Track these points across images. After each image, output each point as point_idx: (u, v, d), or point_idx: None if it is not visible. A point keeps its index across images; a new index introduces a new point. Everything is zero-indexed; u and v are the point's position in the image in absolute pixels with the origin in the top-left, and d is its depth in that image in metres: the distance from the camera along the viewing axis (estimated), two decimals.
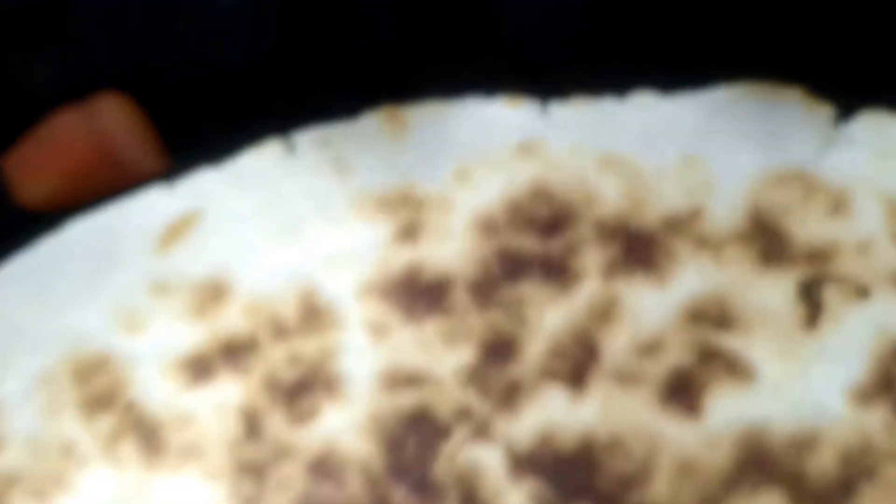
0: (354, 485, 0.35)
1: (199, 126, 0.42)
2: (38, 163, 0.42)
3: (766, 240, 0.35)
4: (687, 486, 0.34)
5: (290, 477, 0.33)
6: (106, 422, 0.33)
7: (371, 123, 0.37)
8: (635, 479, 0.34)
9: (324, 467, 0.33)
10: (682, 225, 0.35)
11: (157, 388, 0.33)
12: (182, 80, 0.43)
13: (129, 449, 0.33)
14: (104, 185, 0.41)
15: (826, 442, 0.33)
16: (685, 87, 0.37)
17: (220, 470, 0.33)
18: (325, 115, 0.39)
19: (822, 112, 0.36)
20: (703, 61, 0.39)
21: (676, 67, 0.39)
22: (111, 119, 0.42)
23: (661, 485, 0.34)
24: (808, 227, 0.35)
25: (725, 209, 0.35)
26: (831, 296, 0.34)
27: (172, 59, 0.44)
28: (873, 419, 0.33)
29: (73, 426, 0.33)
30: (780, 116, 0.36)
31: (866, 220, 0.35)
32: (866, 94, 0.38)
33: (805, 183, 0.35)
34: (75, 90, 0.44)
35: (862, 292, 0.34)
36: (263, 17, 0.45)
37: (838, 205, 0.35)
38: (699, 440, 0.34)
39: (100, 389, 0.33)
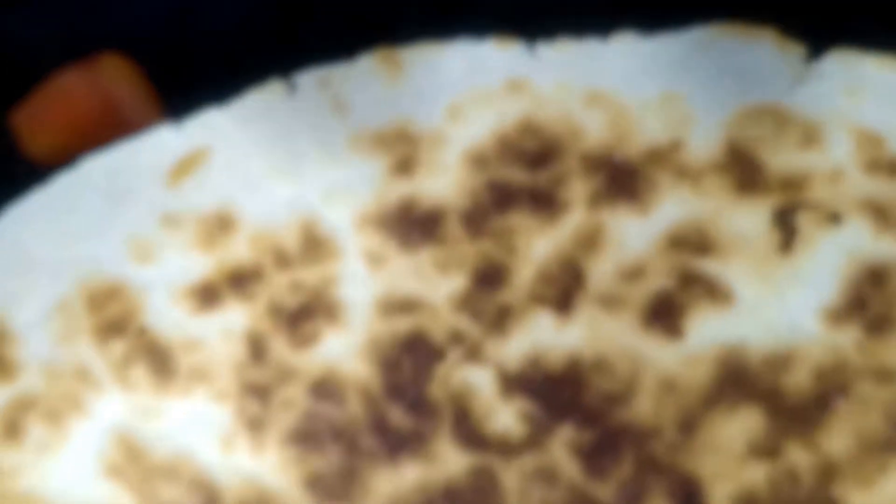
0: (354, 405, 0.36)
1: (195, 83, 0.44)
2: (45, 118, 0.43)
3: (742, 170, 0.36)
4: (669, 403, 0.35)
5: (293, 398, 0.35)
6: (119, 346, 0.34)
7: (367, 64, 0.38)
8: (620, 397, 0.35)
9: (325, 389, 0.34)
10: (663, 157, 0.36)
11: (167, 314, 0.34)
12: (179, 38, 0.44)
13: (140, 372, 0.34)
14: (107, 139, 0.42)
15: (801, 360, 0.35)
16: (665, 28, 0.38)
17: (227, 392, 0.34)
18: (322, 64, 0.41)
19: (794, 51, 0.37)
20: (682, 4, 0.40)
21: (657, 10, 0.41)
22: (113, 77, 0.43)
23: (644, 402, 0.36)
24: (781, 157, 0.36)
25: (703, 141, 0.36)
26: (804, 222, 0.36)
27: (170, 18, 0.45)
28: (845, 338, 0.35)
29: (87, 351, 0.34)
30: (754, 55, 0.36)
31: (837, 150, 0.36)
32: (835, 35, 0.40)
33: (778, 116, 0.36)
34: (76, 49, 0.45)
35: (833, 218, 0.35)
36: None
37: (810, 136, 0.36)
38: (680, 360, 0.35)
39: (113, 316, 0.34)
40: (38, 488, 0.34)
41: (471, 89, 0.36)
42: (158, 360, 0.33)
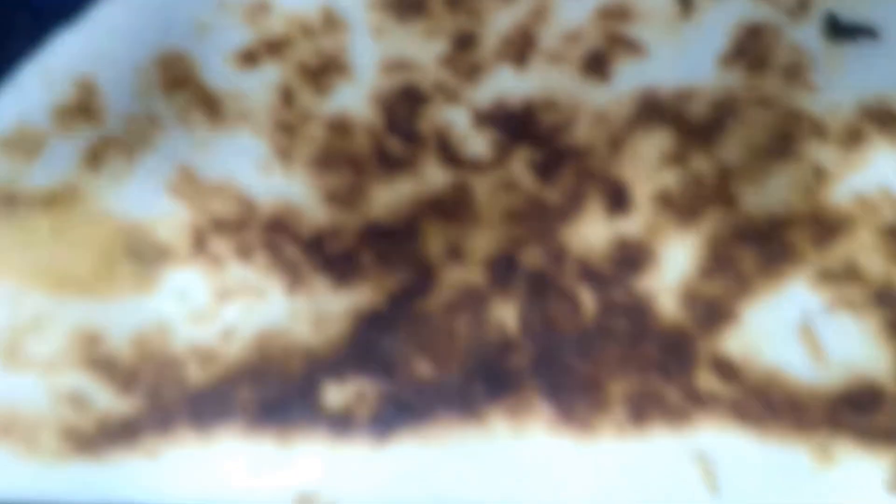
0: (360, 137, 0.39)
1: None
2: None
3: (603, 38, 0.39)
4: (600, 129, 0.40)
5: (314, 133, 0.38)
6: (181, 97, 0.39)
7: None
8: (563, 126, 0.38)
9: (339, 125, 0.39)
10: None
11: (219, 72, 0.39)
12: None
13: (197, 116, 0.39)
14: None
15: (701, 94, 0.40)
16: None
17: (263, 127, 0.38)
18: None
19: None
20: None
21: None
22: None
23: (581, 129, 0.39)
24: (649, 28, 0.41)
25: None
26: None
27: None
28: (734, 77, 0.40)
29: (157, 102, 0.39)
30: None
31: None
32: None
33: None
34: None
35: None
36: None
37: None
38: (609, 97, 0.39)
39: (178, 75, 0.39)
40: (110, 207, 0.38)
41: None
42: (211, 105, 0.39)
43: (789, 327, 0.36)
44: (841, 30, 0.39)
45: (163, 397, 0.37)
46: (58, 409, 0.37)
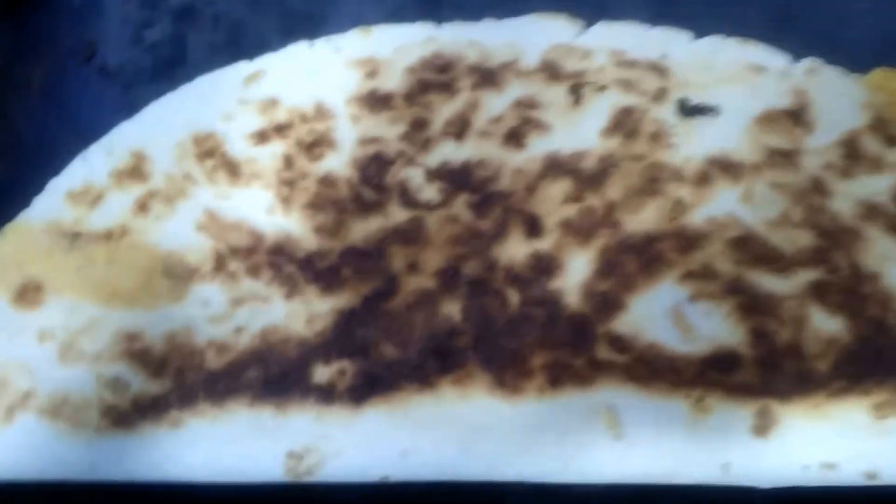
0: (343, 188, 0.47)
1: None
2: None
3: (551, 72, 0.50)
4: (519, 180, 0.46)
5: (308, 186, 0.47)
6: (210, 162, 0.48)
7: None
8: (491, 178, 0.47)
9: (326, 180, 0.47)
10: (507, 66, 0.53)
11: (239, 146, 0.49)
12: None
13: (221, 175, 0.48)
14: None
15: (591, 154, 0.46)
16: None
17: (270, 183, 0.47)
18: None
19: None
20: None
21: None
22: None
23: (504, 180, 0.47)
24: (573, 63, 0.53)
25: (531, 60, 0.54)
26: (587, 91, 0.49)
27: None
28: (615, 142, 0.47)
29: (192, 165, 0.48)
30: None
31: (598, 60, 0.52)
32: None
33: (577, 51, 0.54)
34: None
35: (601, 88, 0.52)
36: None
37: (586, 55, 0.54)
38: (524, 158, 0.47)
39: (208, 148, 0.48)
40: (153, 241, 0.47)
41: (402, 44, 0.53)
42: (232, 169, 0.48)
43: (664, 312, 0.44)
44: (690, 109, 0.50)
45: (186, 379, 0.43)
46: (101, 392, 0.43)
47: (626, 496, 0.44)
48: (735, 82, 0.48)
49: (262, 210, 0.47)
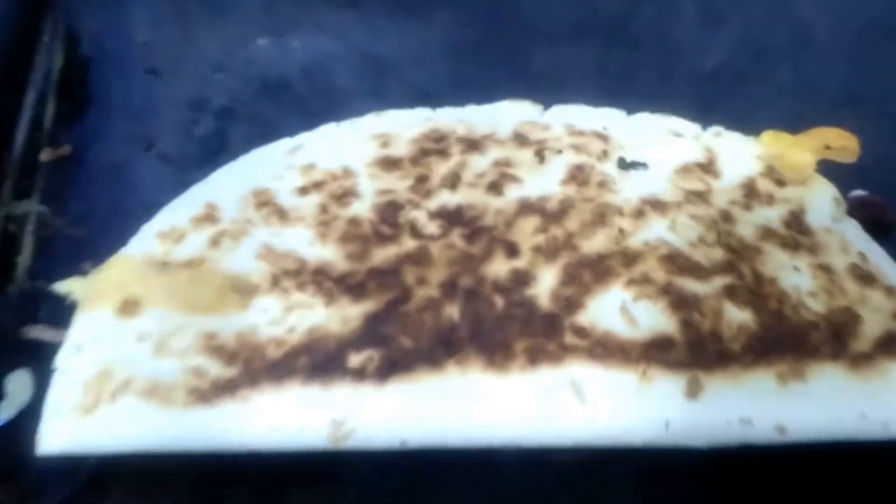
0: (366, 226, 0.56)
1: None
2: None
3: (519, 141, 0.61)
4: (500, 218, 0.54)
5: (339, 225, 0.56)
6: (265, 210, 0.58)
7: None
8: (478, 217, 0.57)
9: (353, 221, 0.57)
10: (487, 136, 0.67)
11: (287, 197, 0.59)
12: None
13: (274, 219, 0.57)
14: None
15: (553, 198, 0.57)
16: None
17: (311, 224, 0.57)
18: None
19: None
20: None
21: None
22: None
23: (490, 217, 0.57)
24: (537, 134, 0.61)
25: (504, 131, 0.67)
26: (547, 153, 0.61)
27: None
28: (571, 189, 0.57)
29: (252, 213, 0.57)
30: None
31: (557, 130, 0.63)
32: None
33: (539, 125, 0.67)
34: None
35: (560, 151, 0.61)
36: None
37: (545, 128, 0.65)
38: (503, 202, 0.57)
39: (264, 200, 0.58)
40: (224, 267, 0.56)
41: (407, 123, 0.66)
42: (282, 215, 0.58)
43: (614, 309, 0.54)
44: (627, 164, 0.59)
45: (252, 366, 0.52)
46: (186, 378, 0.51)
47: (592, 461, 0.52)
48: (660, 144, 0.61)
49: (305, 243, 0.57)
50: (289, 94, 0.72)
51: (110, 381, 0.52)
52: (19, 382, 0.54)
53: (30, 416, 0.53)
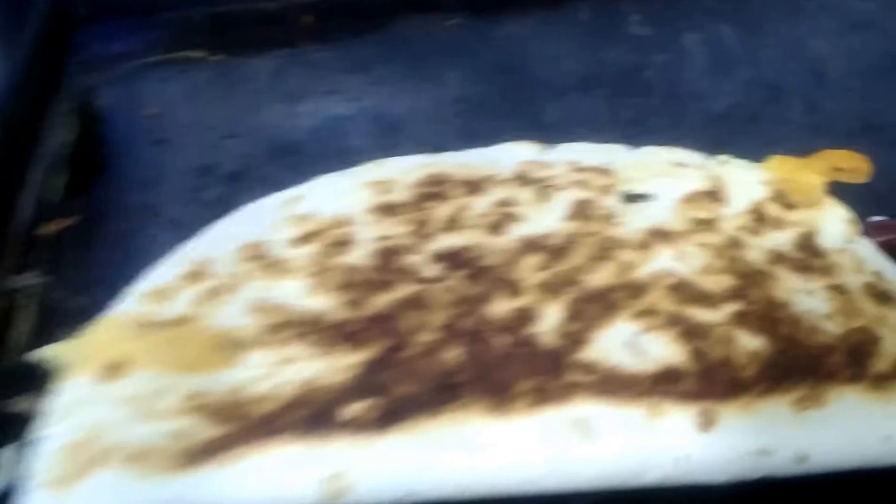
0: (365, 272, 0.55)
1: None
2: None
3: (521, 180, 0.61)
4: (501, 257, 0.55)
5: (335, 274, 0.56)
6: (256, 263, 0.57)
7: None
8: (479, 258, 0.56)
9: (352, 269, 0.56)
10: (488, 179, 0.64)
11: (280, 249, 0.58)
12: None
13: (265, 273, 0.56)
14: None
15: (556, 235, 0.56)
16: None
17: (307, 274, 0.56)
18: None
19: None
20: None
21: None
22: None
23: (489, 258, 0.56)
24: (539, 172, 0.63)
25: (506, 173, 0.65)
26: (550, 191, 0.61)
27: None
28: (574, 225, 0.57)
29: (244, 266, 0.56)
30: None
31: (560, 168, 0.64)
32: None
33: (541, 164, 0.65)
34: None
35: (562, 189, 0.62)
36: None
37: (547, 166, 0.64)
38: (503, 241, 0.56)
39: (256, 253, 0.57)
40: (212, 323, 0.54)
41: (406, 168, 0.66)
42: (276, 267, 0.57)
43: (621, 342, 0.51)
44: (631, 197, 0.59)
45: (243, 424, 0.49)
46: (173, 441, 0.49)
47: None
48: (664, 175, 0.59)
49: (299, 294, 0.56)
50: (300, 155, 0.73)
51: (92, 449, 0.50)
52: (5, 457, 0.52)
53: (15, 493, 0.51)
